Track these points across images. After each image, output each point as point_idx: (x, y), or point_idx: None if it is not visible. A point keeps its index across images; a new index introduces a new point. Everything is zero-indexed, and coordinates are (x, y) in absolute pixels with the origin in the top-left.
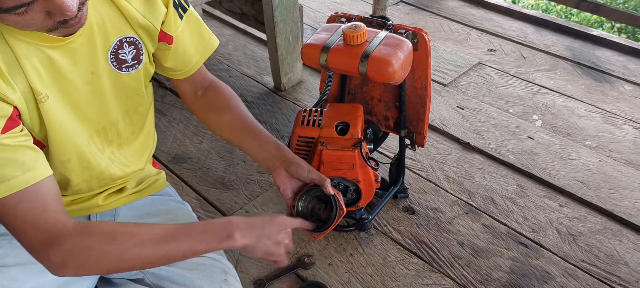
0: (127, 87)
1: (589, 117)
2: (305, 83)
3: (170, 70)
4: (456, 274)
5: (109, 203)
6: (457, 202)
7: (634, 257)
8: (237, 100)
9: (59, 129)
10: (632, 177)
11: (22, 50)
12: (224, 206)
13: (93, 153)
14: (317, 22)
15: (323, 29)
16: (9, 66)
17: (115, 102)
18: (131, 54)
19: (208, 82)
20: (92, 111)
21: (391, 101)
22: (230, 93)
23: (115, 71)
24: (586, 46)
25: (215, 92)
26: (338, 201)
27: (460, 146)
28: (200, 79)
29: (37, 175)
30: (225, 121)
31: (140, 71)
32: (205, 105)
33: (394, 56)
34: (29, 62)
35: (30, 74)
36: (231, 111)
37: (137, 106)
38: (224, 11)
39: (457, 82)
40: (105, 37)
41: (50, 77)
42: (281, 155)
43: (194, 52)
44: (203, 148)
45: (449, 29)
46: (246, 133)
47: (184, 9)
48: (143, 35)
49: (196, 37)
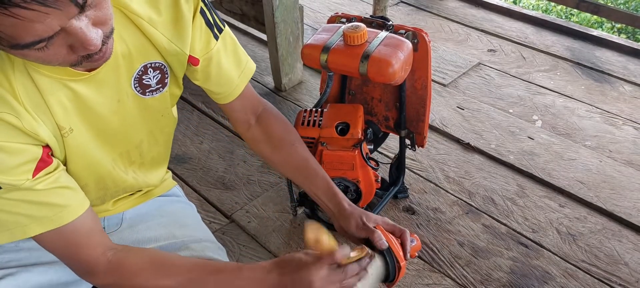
0: (152, 109)
1: (589, 118)
2: (306, 83)
3: (212, 93)
4: (456, 274)
5: (117, 208)
6: (457, 202)
7: (634, 257)
8: (293, 134)
9: (82, 159)
10: (632, 177)
11: (46, 86)
12: (224, 206)
13: (114, 175)
14: (317, 22)
15: (323, 30)
16: (35, 103)
17: (140, 125)
18: (155, 78)
19: (260, 109)
20: (118, 137)
21: (391, 101)
22: (286, 125)
23: (139, 96)
24: (586, 46)
25: (269, 123)
26: (394, 256)
27: (461, 146)
28: (249, 105)
29: (70, 214)
30: (281, 159)
31: (166, 94)
32: (260, 137)
33: (394, 57)
34: (53, 97)
35: (55, 109)
36: (286, 148)
37: (163, 127)
38: (224, 12)
39: (457, 82)
40: (130, 64)
41: (75, 110)
42: (333, 206)
43: (233, 74)
44: (203, 149)
45: (449, 29)
46: (301, 175)
47: (219, 29)
48: (171, 60)
49: (233, 58)
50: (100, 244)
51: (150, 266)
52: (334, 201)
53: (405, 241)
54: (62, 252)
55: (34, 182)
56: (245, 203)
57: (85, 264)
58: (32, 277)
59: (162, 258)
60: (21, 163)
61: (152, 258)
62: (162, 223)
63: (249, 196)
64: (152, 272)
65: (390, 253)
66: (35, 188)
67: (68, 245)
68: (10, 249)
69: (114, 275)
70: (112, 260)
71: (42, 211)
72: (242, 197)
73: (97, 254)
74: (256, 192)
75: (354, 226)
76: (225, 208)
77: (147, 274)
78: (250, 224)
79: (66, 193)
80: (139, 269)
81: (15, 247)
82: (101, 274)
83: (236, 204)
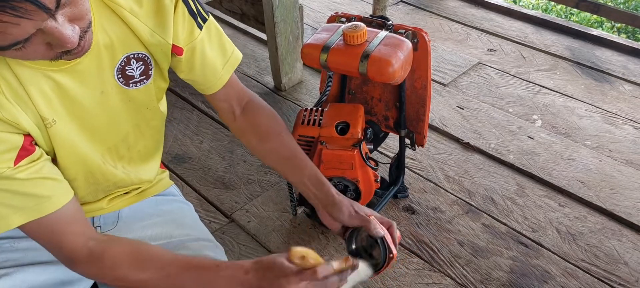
0: (136, 101)
1: (589, 117)
2: (306, 83)
3: (197, 83)
4: (456, 274)
5: (113, 206)
6: (457, 202)
7: (634, 256)
8: (279, 124)
9: (69, 152)
10: (632, 176)
11: (27, 76)
12: (224, 206)
13: (104, 169)
14: (317, 22)
15: (323, 29)
16: (16, 93)
17: (125, 117)
18: (139, 69)
19: (245, 100)
20: (103, 130)
21: (391, 101)
22: (272, 115)
23: (123, 87)
24: (586, 46)
25: (256, 113)
26: (387, 244)
27: (460, 146)
28: (235, 95)
29: (52, 205)
30: (268, 149)
31: (150, 86)
32: (247, 128)
33: (394, 56)
34: (34, 87)
35: (36, 99)
36: (274, 138)
37: (149, 120)
38: (224, 11)
39: (457, 82)
40: (112, 55)
41: (58, 100)
42: (322, 195)
43: (218, 64)
44: (203, 148)
45: (449, 29)
46: (289, 165)
47: (203, 19)
48: (155, 51)
49: (218, 48)
50: (82, 233)
51: (128, 258)
52: (322, 190)
53: (394, 232)
54: (45, 240)
55: (15, 170)
56: (245, 202)
57: (68, 252)
58: (28, 277)
59: (142, 251)
60: (1, 151)
61: (132, 251)
62: (159, 222)
63: (249, 196)
64: (130, 264)
65: (383, 241)
66: (16, 177)
67: (51, 233)
68: (6, 249)
69: (94, 266)
70: (93, 250)
71: (24, 201)
72: (242, 196)
73: (80, 244)
74: (256, 192)
75: (347, 214)
76: (225, 208)
77: (126, 267)
78: (250, 224)
79: (49, 183)
80: (118, 261)
81: (10, 247)
82: (83, 264)
83: (236, 204)
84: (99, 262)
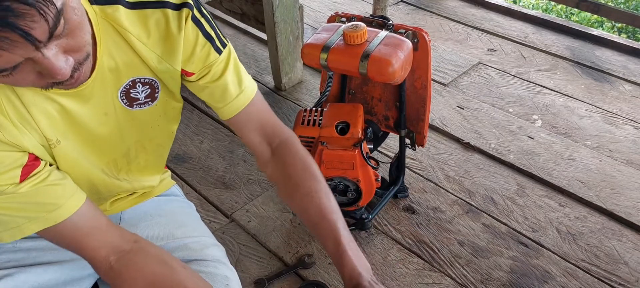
0: (140, 120)
1: (589, 117)
2: (306, 83)
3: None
4: (456, 274)
5: (116, 208)
6: (457, 202)
7: (634, 256)
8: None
9: (72, 168)
10: (632, 176)
11: (30, 98)
12: (224, 206)
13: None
14: (317, 22)
15: (323, 29)
16: (20, 115)
17: (128, 134)
18: (144, 93)
19: (277, 140)
20: (105, 146)
21: (391, 101)
22: (304, 165)
23: (126, 108)
24: (586, 46)
25: (286, 163)
26: None
27: (460, 146)
28: (258, 125)
29: (64, 212)
30: (296, 207)
31: (156, 107)
32: (277, 178)
33: (394, 56)
34: (38, 109)
35: (41, 121)
36: (301, 198)
37: (152, 137)
38: (224, 11)
39: (457, 81)
40: (117, 78)
41: (62, 122)
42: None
43: (232, 88)
44: (204, 148)
45: (449, 28)
46: (315, 229)
47: (223, 44)
48: (163, 77)
49: (235, 74)
50: (104, 245)
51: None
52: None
53: None
54: (68, 248)
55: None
56: (245, 202)
57: (90, 261)
58: (30, 277)
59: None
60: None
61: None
62: (161, 222)
63: (249, 195)
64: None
65: None
66: (20, 192)
67: (70, 242)
68: (7, 250)
69: (112, 282)
70: (113, 267)
71: (34, 211)
72: (242, 196)
73: (101, 256)
74: (256, 192)
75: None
76: (225, 208)
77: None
78: (250, 223)
79: (57, 191)
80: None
81: (12, 247)
82: (103, 276)
83: (236, 204)
84: (117, 280)
